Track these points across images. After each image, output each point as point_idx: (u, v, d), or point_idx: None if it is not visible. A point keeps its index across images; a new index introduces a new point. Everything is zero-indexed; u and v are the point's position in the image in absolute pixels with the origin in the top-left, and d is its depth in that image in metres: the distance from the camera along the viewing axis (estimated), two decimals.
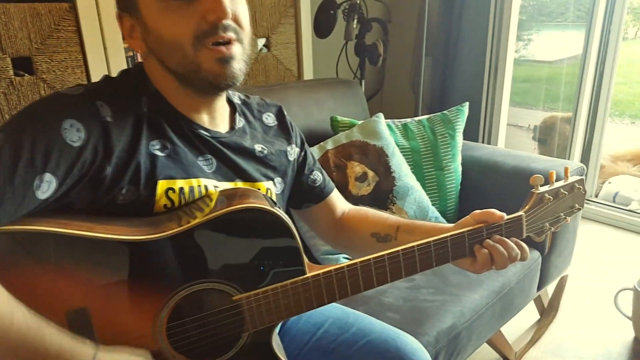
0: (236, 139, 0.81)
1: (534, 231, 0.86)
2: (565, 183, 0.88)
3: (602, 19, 2.43)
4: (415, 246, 0.76)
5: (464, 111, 1.67)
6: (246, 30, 0.73)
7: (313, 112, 1.62)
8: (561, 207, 0.88)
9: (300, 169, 0.95)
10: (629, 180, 2.87)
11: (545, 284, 1.58)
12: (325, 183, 1.00)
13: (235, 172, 0.80)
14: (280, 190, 0.88)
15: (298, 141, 0.95)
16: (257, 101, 0.93)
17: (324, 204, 0.99)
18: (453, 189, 1.60)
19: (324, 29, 2.13)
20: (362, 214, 1.00)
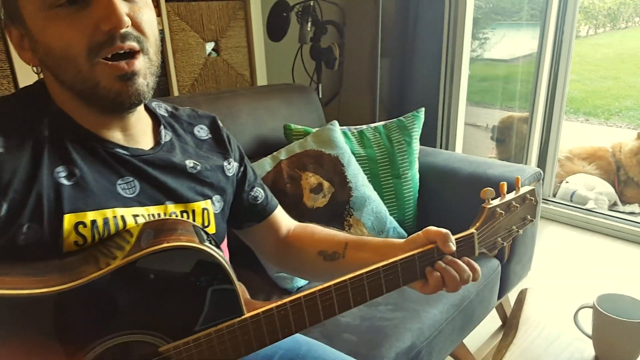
0: (163, 155, 0.73)
1: (486, 248, 0.81)
2: (516, 195, 0.84)
3: (555, 17, 2.45)
4: (364, 273, 0.70)
5: (419, 117, 1.63)
6: (151, 39, 0.65)
7: (265, 120, 1.54)
8: (513, 220, 0.84)
9: (240, 186, 0.88)
10: (586, 178, 2.92)
11: (506, 292, 1.56)
12: (268, 200, 0.93)
13: (163, 194, 0.71)
14: (220, 208, 0.80)
15: (236, 155, 0.88)
16: (187, 113, 0.85)
17: (266, 222, 0.92)
18: (411, 197, 1.56)
19: (277, 32, 2.06)
20: (308, 232, 0.93)
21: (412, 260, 0.73)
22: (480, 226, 0.79)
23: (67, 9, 0.58)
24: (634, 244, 2.37)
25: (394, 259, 0.72)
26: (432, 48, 2.28)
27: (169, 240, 0.59)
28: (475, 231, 0.78)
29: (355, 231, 1.39)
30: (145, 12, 0.64)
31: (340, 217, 1.40)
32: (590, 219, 2.53)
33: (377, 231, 1.41)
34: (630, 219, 2.51)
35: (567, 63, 2.54)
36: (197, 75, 1.75)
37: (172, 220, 0.67)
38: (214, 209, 0.78)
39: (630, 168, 2.98)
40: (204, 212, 0.76)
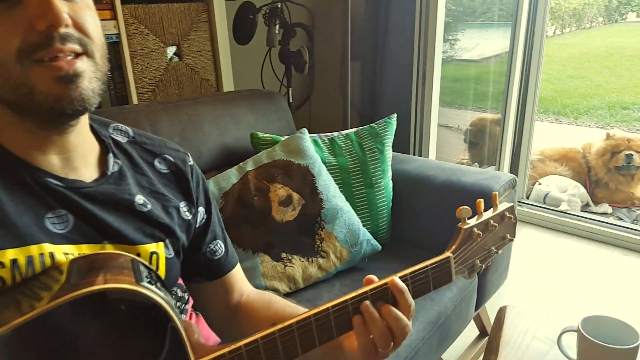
0: (106, 189, 0.63)
1: (463, 272, 0.75)
2: (494, 213, 0.79)
3: (526, 18, 2.44)
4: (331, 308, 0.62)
5: (392, 123, 1.57)
6: (97, 41, 0.56)
7: (230, 129, 1.46)
8: (492, 239, 0.79)
9: (200, 236, 0.77)
10: (558, 180, 2.92)
11: (483, 302, 1.52)
12: (228, 257, 0.81)
13: (101, 233, 0.61)
14: (173, 253, 0.70)
15: (202, 199, 0.77)
16: (154, 142, 0.74)
17: (219, 282, 0.80)
18: (384, 207, 1.50)
19: (243, 35, 1.98)
20: (265, 301, 0.81)
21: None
22: (456, 249, 0.73)
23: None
24: (607, 245, 2.37)
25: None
26: (403, 51, 2.23)
27: (98, 280, 0.51)
28: (452, 255, 0.72)
29: (328, 244, 1.33)
30: (87, 13, 0.56)
31: (311, 231, 1.33)
32: (564, 221, 2.53)
33: (350, 244, 1.35)
34: (602, 219, 2.51)
35: (539, 63, 2.53)
36: (157, 81, 1.65)
37: (105, 254, 0.58)
38: (167, 253, 0.69)
39: (598, 169, 3.01)
40: (152, 257, 0.66)
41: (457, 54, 3.02)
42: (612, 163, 2.95)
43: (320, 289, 1.29)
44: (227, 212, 1.29)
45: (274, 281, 1.23)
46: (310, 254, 1.30)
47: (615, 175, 2.95)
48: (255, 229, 1.28)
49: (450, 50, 3.01)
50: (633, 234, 2.34)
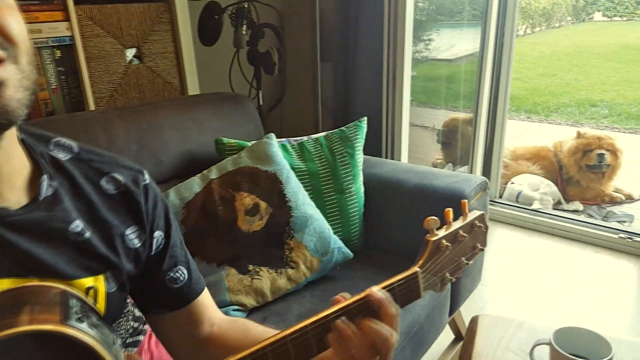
0: (36, 217, 0.56)
1: (432, 287, 0.71)
2: (464, 223, 0.74)
3: (496, 17, 2.45)
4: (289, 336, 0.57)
5: (362, 127, 1.53)
6: (22, 46, 0.50)
7: (192, 135, 1.40)
8: (461, 250, 0.75)
9: (157, 262, 0.70)
10: (530, 178, 2.93)
11: (457, 308, 1.49)
12: (192, 283, 0.73)
13: (27, 266, 0.54)
14: (116, 287, 0.63)
15: (159, 222, 0.70)
16: (103, 159, 0.67)
17: (184, 312, 0.72)
18: (356, 212, 1.46)
19: (209, 36, 1.91)
20: (240, 328, 0.74)
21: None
22: (424, 263, 0.69)
23: None
24: (579, 243, 2.39)
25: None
26: (373, 51, 2.19)
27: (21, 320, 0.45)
28: (419, 270, 0.68)
29: (297, 254, 1.28)
30: (10, 14, 0.49)
31: (279, 241, 1.28)
32: (536, 220, 2.54)
33: (320, 253, 1.30)
34: (574, 217, 2.53)
35: (509, 62, 2.54)
36: (116, 85, 1.57)
37: (32, 288, 0.51)
38: (108, 287, 0.61)
39: (570, 167, 3.03)
40: (90, 292, 0.59)
41: (432, 53, 3.00)
42: (584, 161, 2.97)
43: (289, 301, 1.23)
44: (190, 223, 1.22)
45: (240, 295, 1.18)
46: (279, 264, 1.25)
47: (587, 173, 2.98)
48: (220, 241, 1.22)
49: (425, 50, 3.00)
50: (603, 232, 2.36)
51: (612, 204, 2.95)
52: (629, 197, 3.00)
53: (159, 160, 1.31)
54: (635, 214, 2.73)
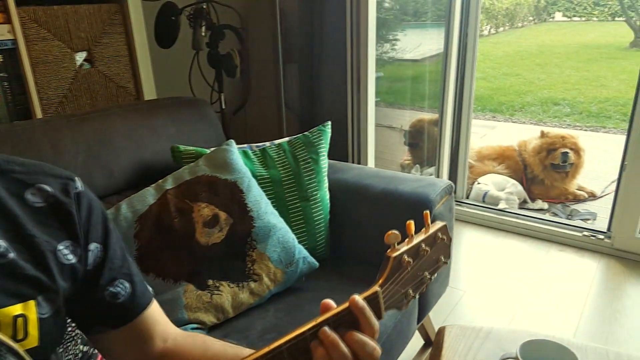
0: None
1: (395, 305, 0.67)
2: (426, 235, 0.70)
3: (459, 17, 2.45)
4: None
5: (326, 131, 1.49)
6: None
7: (146, 143, 1.32)
8: (424, 265, 0.71)
9: (95, 277, 0.63)
10: (496, 178, 2.95)
11: (425, 314, 1.46)
12: (136, 297, 0.67)
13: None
14: (50, 312, 0.56)
15: (95, 233, 0.63)
16: (28, 168, 0.60)
17: (130, 329, 0.66)
18: (321, 220, 1.42)
19: (166, 38, 1.83)
20: (198, 343, 0.69)
21: (279, 353, 0.55)
22: (385, 282, 0.64)
23: None
24: (544, 242, 2.41)
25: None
26: (338, 53, 2.16)
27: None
28: (380, 289, 0.64)
29: (260, 266, 1.22)
30: None
31: (241, 253, 1.22)
32: (503, 219, 2.55)
33: (284, 264, 1.25)
34: (539, 217, 2.55)
35: (473, 62, 2.55)
36: (66, 91, 1.49)
37: None
38: (40, 313, 0.55)
39: (534, 166, 3.07)
40: (17, 322, 0.52)
41: (398, 54, 2.99)
42: (548, 160, 3.01)
43: (252, 316, 1.18)
44: (144, 237, 1.16)
45: (199, 313, 1.12)
46: (241, 278, 1.20)
47: (551, 172, 3.02)
48: (177, 255, 1.16)
49: (391, 50, 2.98)
50: (568, 230, 2.39)
51: (576, 201, 3.00)
52: (591, 195, 3.06)
53: (110, 171, 1.23)
54: (598, 212, 2.78)
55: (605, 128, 5.43)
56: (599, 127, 5.50)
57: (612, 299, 1.95)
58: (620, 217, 2.22)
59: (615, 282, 2.07)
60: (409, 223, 0.67)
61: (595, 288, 2.03)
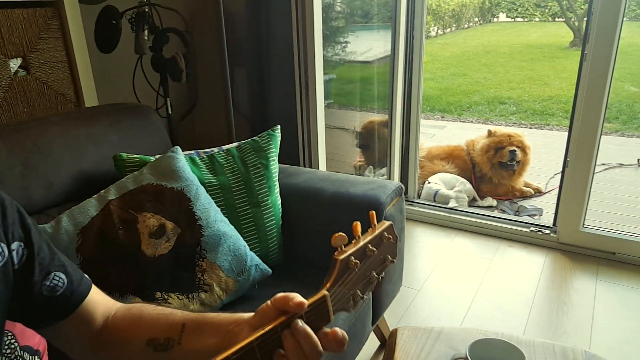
0: None
1: (343, 307, 0.67)
2: (372, 236, 0.71)
3: (405, 19, 2.49)
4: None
5: (275, 136, 1.47)
6: None
7: (87, 152, 1.27)
8: (372, 265, 0.71)
9: (26, 276, 0.63)
10: (446, 177, 3.02)
11: (380, 315, 1.47)
12: (74, 286, 0.68)
13: None
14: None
15: (14, 232, 0.62)
16: None
17: (75, 316, 0.68)
18: (273, 226, 1.40)
19: (107, 42, 1.77)
20: (134, 316, 0.71)
21: (251, 349, 0.56)
22: (332, 285, 0.64)
23: None
24: (494, 238, 2.48)
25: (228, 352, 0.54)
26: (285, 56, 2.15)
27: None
28: (327, 293, 0.63)
29: (210, 276, 1.20)
30: None
31: (190, 263, 1.19)
32: (453, 217, 2.61)
33: (236, 272, 1.23)
34: (488, 214, 2.63)
35: (420, 63, 2.60)
36: (0, 100, 1.41)
37: None
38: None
39: (483, 165, 3.16)
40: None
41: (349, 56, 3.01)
42: (496, 159, 3.11)
43: None
44: (87, 251, 1.11)
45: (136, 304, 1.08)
46: (191, 289, 1.17)
47: (499, 170, 3.12)
48: (122, 268, 1.12)
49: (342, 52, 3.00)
50: (516, 226, 2.47)
51: (523, 198, 3.11)
52: (537, 191, 3.18)
53: (49, 183, 1.18)
54: (544, 207, 2.90)
55: (549, 125, 5.66)
56: (542, 124, 5.73)
57: (559, 292, 2.03)
58: (564, 213, 2.31)
59: (561, 275, 2.16)
60: (355, 224, 0.67)
61: (544, 282, 2.10)
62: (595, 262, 2.24)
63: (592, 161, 2.17)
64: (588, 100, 2.09)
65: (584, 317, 1.85)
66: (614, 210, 2.97)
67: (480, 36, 12.16)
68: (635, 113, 5.60)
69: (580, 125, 2.14)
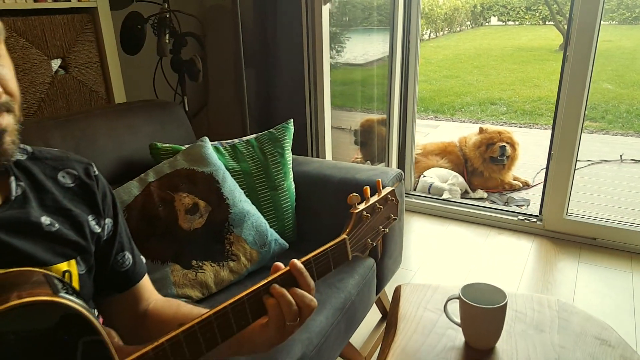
0: (12, 215, 0.63)
1: (358, 250, 0.85)
2: (379, 197, 0.90)
3: (402, 22, 2.65)
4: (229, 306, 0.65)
5: (289, 128, 1.65)
6: (17, 97, 0.59)
7: (126, 141, 1.45)
8: (379, 220, 0.90)
9: (107, 248, 0.78)
10: (439, 171, 3.21)
11: (383, 287, 1.65)
12: (136, 268, 0.83)
13: (11, 257, 0.61)
14: (86, 268, 0.71)
15: (109, 211, 0.78)
16: (54, 155, 0.75)
17: (129, 293, 0.82)
18: (289, 207, 1.58)
19: (132, 45, 1.95)
20: (172, 306, 0.84)
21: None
22: (350, 231, 0.83)
23: None
24: (484, 226, 2.67)
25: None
26: (293, 58, 2.33)
27: (12, 297, 0.52)
28: (347, 237, 0.82)
29: (237, 248, 1.37)
30: (6, 66, 0.59)
31: (220, 236, 1.37)
32: (447, 208, 2.80)
33: (259, 245, 1.41)
34: (479, 204, 2.82)
35: (416, 64, 2.77)
36: (43, 96, 1.58)
37: (16, 272, 0.58)
38: (79, 270, 0.69)
39: (474, 160, 3.35)
40: (65, 276, 0.67)
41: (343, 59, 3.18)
42: (488, 154, 3.30)
43: (233, 291, 1.33)
44: (132, 225, 1.28)
45: (186, 289, 1.25)
46: (221, 258, 1.34)
47: (490, 164, 3.31)
48: (163, 240, 1.29)
49: (337, 56, 3.17)
50: (505, 215, 2.66)
51: (512, 191, 3.31)
52: (525, 185, 3.38)
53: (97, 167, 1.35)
54: (531, 199, 3.09)
55: (538, 125, 5.87)
56: (532, 123, 5.95)
57: (544, 273, 2.21)
58: (549, 202, 2.48)
59: (546, 258, 2.34)
60: (366, 188, 0.87)
61: (530, 264, 2.29)
62: (577, 247, 2.42)
63: (574, 154, 2.36)
64: (570, 98, 2.28)
65: (566, 294, 2.04)
66: (597, 202, 3.17)
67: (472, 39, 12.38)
68: (620, 113, 5.83)
69: (563, 121, 2.33)
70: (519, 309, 1.07)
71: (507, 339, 0.97)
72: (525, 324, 1.02)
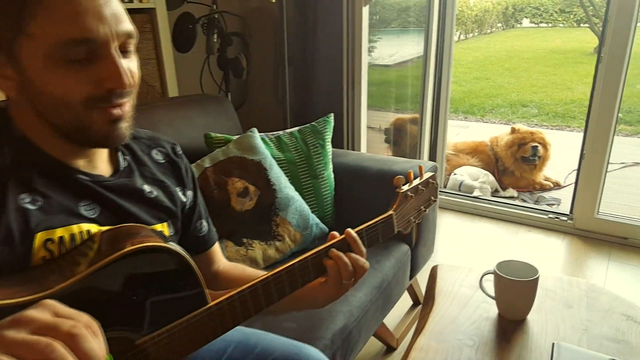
0: (122, 182, 0.76)
1: (402, 226, 0.95)
2: (421, 180, 1.00)
3: (437, 24, 2.70)
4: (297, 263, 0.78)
5: (330, 122, 1.76)
6: (137, 84, 0.70)
7: (183, 130, 1.58)
8: (421, 201, 1.00)
9: (189, 215, 0.91)
10: (470, 170, 3.27)
11: (415, 273, 1.74)
12: (210, 234, 0.97)
13: (122, 217, 0.74)
14: (174, 231, 0.85)
15: (190, 184, 0.91)
16: (147, 135, 0.88)
17: (204, 255, 0.96)
18: (328, 195, 1.69)
19: (184, 44, 2.09)
20: (239, 268, 0.99)
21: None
22: (396, 208, 0.93)
23: (73, 63, 0.61)
24: (514, 224, 2.72)
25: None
26: (332, 57, 2.44)
27: (132, 243, 0.64)
28: (394, 212, 0.92)
29: (283, 229, 1.49)
30: (134, 60, 0.70)
31: (267, 218, 1.48)
32: (477, 205, 2.85)
33: (302, 228, 1.52)
34: (510, 202, 2.87)
35: (449, 65, 2.83)
36: None
37: (129, 226, 0.71)
38: (170, 232, 0.83)
39: (506, 159, 3.40)
40: None
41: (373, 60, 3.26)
42: (519, 154, 3.34)
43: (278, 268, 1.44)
44: None
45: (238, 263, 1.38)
46: (268, 238, 1.46)
47: (521, 164, 3.35)
48: (217, 219, 1.40)
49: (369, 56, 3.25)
50: (535, 213, 2.70)
51: (542, 191, 3.34)
52: (556, 185, 3.40)
53: None
54: (562, 198, 3.12)
55: (570, 127, 5.84)
56: (564, 126, 5.91)
57: (574, 270, 2.25)
58: (580, 201, 2.49)
59: (576, 256, 2.38)
60: (410, 172, 0.97)
61: (559, 261, 2.33)
62: (608, 245, 2.44)
63: (606, 154, 2.36)
64: (603, 99, 2.29)
65: None
66: (629, 203, 3.17)
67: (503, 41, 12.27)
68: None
69: (595, 122, 2.34)
70: (550, 287, 1.15)
71: (538, 312, 1.06)
72: (554, 301, 1.10)
